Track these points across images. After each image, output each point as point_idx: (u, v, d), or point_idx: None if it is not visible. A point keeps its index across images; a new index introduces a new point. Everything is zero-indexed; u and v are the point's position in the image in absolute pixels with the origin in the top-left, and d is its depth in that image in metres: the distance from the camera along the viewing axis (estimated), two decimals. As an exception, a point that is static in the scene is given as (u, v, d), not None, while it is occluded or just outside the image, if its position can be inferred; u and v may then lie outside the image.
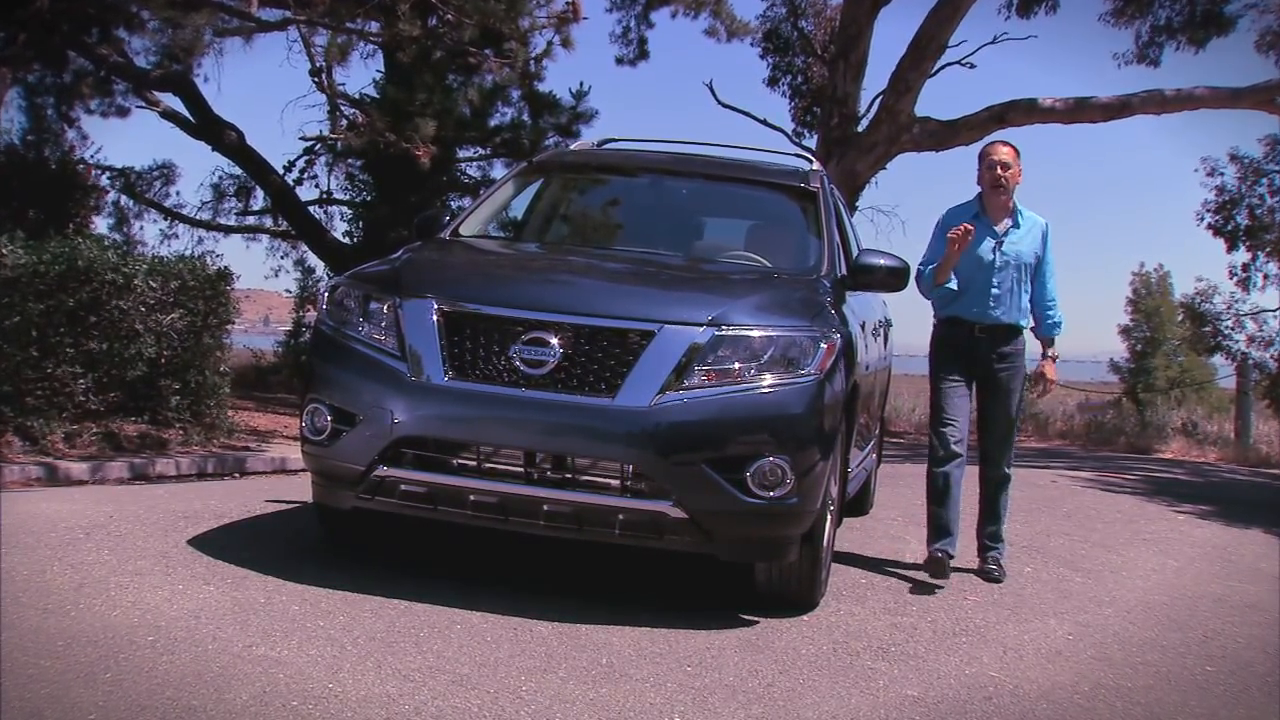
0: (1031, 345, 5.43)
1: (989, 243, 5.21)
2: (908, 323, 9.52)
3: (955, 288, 5.20)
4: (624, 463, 4.04)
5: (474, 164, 14.02)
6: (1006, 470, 5.39)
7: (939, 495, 5.23)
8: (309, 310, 14.20)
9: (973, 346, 5.22)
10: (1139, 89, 14.24)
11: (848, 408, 4.57)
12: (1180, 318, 26.81)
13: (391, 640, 3.65)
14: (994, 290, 5.19)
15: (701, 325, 4.15)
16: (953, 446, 5.18)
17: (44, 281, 6.67)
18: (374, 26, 10.75)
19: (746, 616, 4.32)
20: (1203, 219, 16.71)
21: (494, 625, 3.90)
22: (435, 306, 4.23)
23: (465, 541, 5.16)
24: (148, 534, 4.79)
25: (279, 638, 3.57)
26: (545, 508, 4.08)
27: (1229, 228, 16.58)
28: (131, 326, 7.01)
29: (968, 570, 5.43)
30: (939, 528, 5.24)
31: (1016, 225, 5.26)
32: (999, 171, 5.22)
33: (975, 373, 5.24)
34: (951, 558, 5.19)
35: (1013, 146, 5.32)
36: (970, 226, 5.04)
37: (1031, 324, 5.38)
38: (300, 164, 14.16)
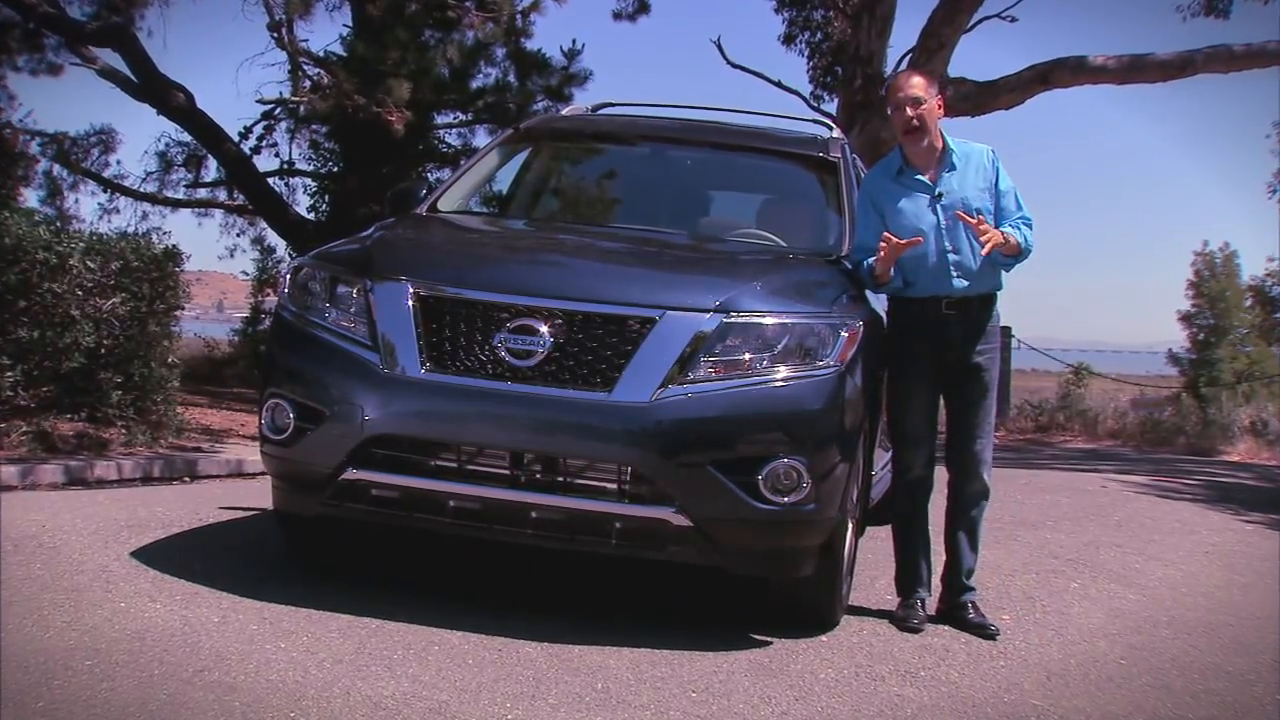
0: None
1: (923, 199, 4.69)
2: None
3: (901, 284, 4.70)
4: (622, 464, 4.06)
5: (454, 131, 14.00)
6: (986, 481, 4.80)
7: (906, 528, 4.88)
8: (268, 294, 14.18)
9: (943, 327, 4.69)
10: (1203, 45, 14.22)
11: (871, 403, 4.58)
12: (1249, 302, 26.85)
13: (361, 663, 3.67)
14: (951, 255, 4.64)
15: (708, 311, 4.16)
16: (921, 469, 4.80)
17: (-34, 262, 6.67)
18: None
19: (758, 636, 4.33)
20: (1275, 191, 16.73)
21: (476, 646, 3.92)
22: (411, 290, 4.24)
23: (444, 552, 5.17)
24: (85, 545, 4.81)
25: (234, 662, 3.58)
26: (533, 514, 4.10)
27: (1305, 201, 16.59)
28: (67, 312, 7.00)
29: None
30: (907, 570, 4.88)
31: (951, 167, 4.71)
32: (909, 111, 4.66)
33: (949, 360, 4.72)
34: (925, 601, 4.84)
35: (923, 76, 4.82)
36: (895, 240, 4.49)
37: (1000, 278, 4.80)
38: (258, 130, 14.13)
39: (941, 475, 4.91)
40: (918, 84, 4.73)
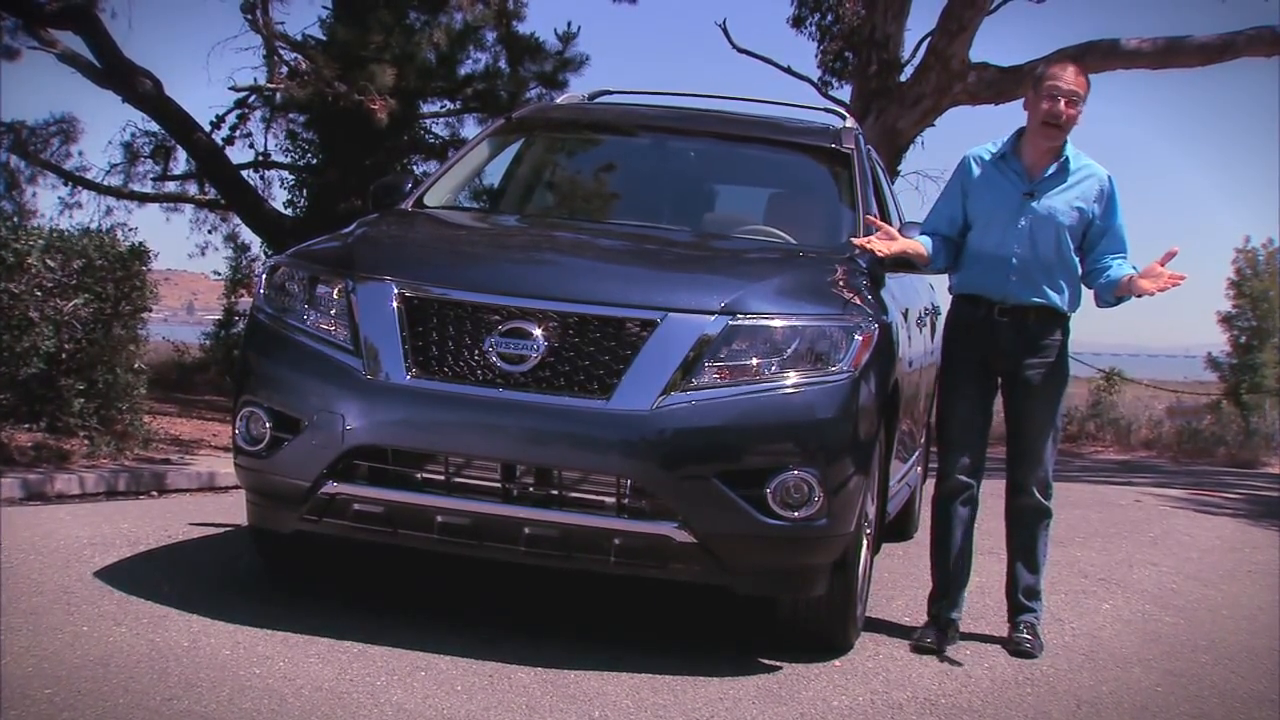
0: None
1: (1015, 195, 4.76)
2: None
3: (942, 266, 4.88)
4: (621, 476, 4.06)
5: (441, 120, 14.01)
6: (1045, 501, 4.90)
7: (939, 538, 4.93)
8: (242, 295, 14.20)
9: (994, 333, 4.77)
10: (1245, 27, 14.23)
11: (887, 412, 4.60)
12: (1294, 303, 26.74)
13: (342, 690, 3.67)
14: (1014, 260, 4.72)
15: (713, 313, 4.17)
16: (960, 476, 4.83)
17: (-82, 260, 6.68)
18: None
19: (767, 661, 4.34)
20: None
21: (465, 671, 3.93)
22: (395, 291, 4.25)
23: (431, 571, 5.18)
24: (45, 565, 4.81)
25: (205, 689, 3.59)
26: (527, 531, 4.11)
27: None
28: (24, 314, 7.01)
29: (994, 638, 4.96)
30: (937, 587, 4.93)
31: (1061, 175, 4.78)
32: (1061, 106, 4.67)
33: (999, 368, 4.83)
34: (953, 623, 4.85)
35: (1085, 75, 4.76)
36: (879, 239, 4.67)
37: (1072, 299, 4.86)
38: (231, 119, 14.13)
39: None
40: (1081, 82, 4.73)
